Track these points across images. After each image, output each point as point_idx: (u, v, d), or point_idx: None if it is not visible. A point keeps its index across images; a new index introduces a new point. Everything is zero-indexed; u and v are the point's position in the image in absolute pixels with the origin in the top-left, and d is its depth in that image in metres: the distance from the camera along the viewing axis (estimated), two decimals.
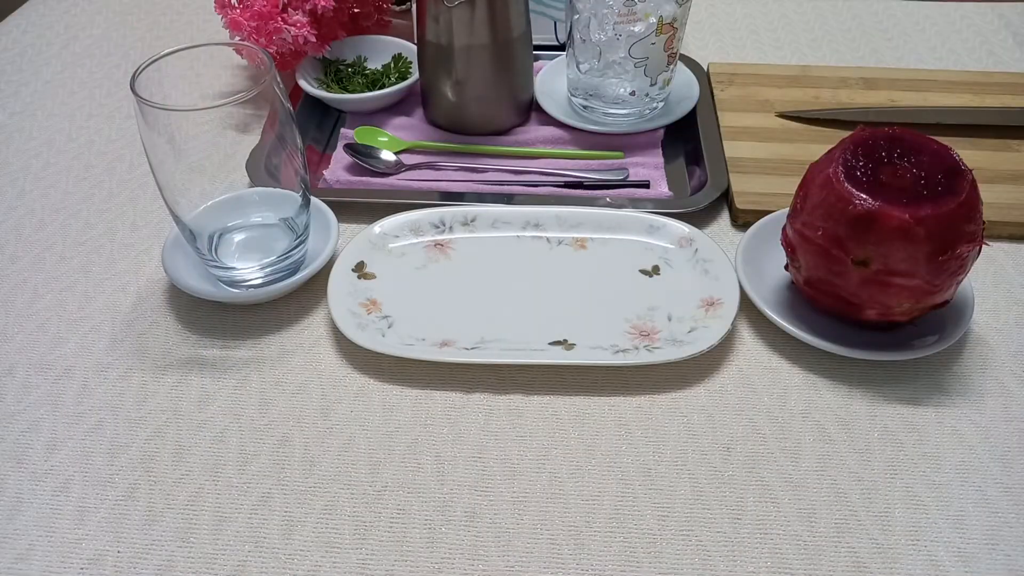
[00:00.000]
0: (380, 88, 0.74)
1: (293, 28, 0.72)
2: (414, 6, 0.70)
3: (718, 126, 0.71)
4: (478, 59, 0.68)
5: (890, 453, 0.48)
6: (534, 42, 0.73)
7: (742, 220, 0.63)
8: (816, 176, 0.50)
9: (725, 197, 0.65)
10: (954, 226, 0.46)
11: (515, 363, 0.53)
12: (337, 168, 0.69)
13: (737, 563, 0.43)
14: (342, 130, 0.73)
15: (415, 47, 0.73)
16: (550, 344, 0.53)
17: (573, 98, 0.73)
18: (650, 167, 0.69)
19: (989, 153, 0.68)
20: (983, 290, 0.57)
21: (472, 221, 0.62)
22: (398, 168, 0.69)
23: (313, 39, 0.73)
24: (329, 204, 0.61)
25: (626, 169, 0.68)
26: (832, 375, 0.52)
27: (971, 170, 0.48)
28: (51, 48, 0.90)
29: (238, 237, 0.57)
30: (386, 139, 0.71)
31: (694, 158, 0.70)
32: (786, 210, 0.61)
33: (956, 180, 0.47)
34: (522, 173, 0.68)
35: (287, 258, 0.56)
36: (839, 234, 0.48)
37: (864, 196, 0.47)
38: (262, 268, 0.55)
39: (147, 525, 0.45)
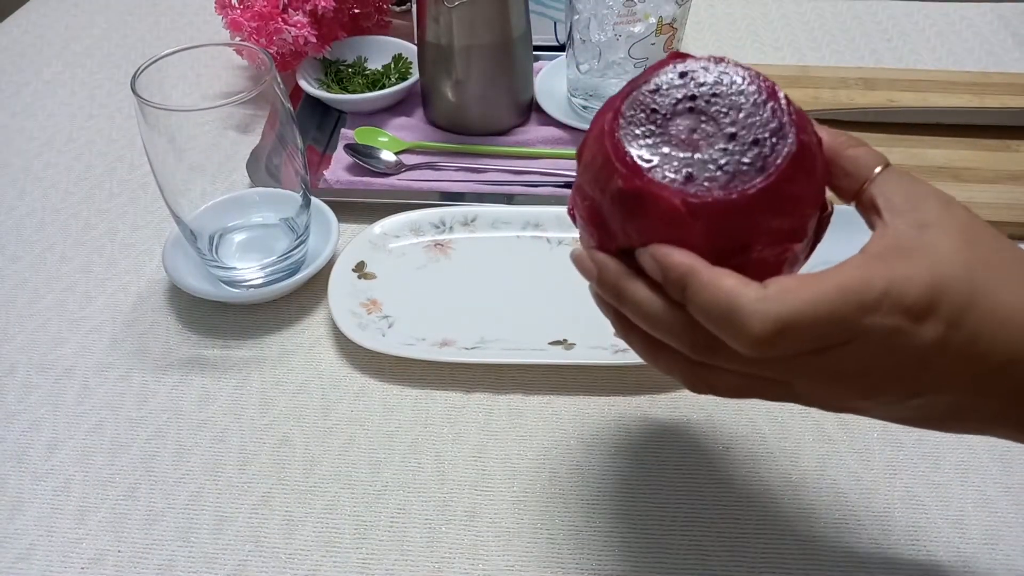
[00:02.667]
0: (380, 88, 0.74)
1: (293, 28, 0.72)
2: (414, 7, 0.70)
3: None
4: (478, 59, 0.68)
5: (890, 453, 0.48)
6: (534, 42, 0.73)
7: None
8: (594, 123, 0.34)
9: None
10: (752, 220, 0.31)
11: (515, 363, 0.53)
12: (337, 168, 0.69)
13: (737, 563, 0.43)
14: (342, 130, 0.73)
15: (415, 47, 0.73)
16: (550, 344, 0.53)
17: (573, 98, 0.73)
18: None
19: (989, 153, 0.68)
20: None
21: (472, 221, 0.62)
22: (398, 168, 0.69)
23: (313, 39, 0.73)
24: (329, 204, 0.61)
25: None
26: None
27: (815, 138, 0.33)
28: (52, 48, 0.90)
29: (238, 237, 0.57)
30: (386, 139, 0.71)
31: None
32: None
33: (775, 150, 0.31)
34: (522, 173, 0.68)
35: (287, 258, 0.56)
36: (603, 210, 0.33)
37: (633, 163, 0.32)
38: (262, 268, 0.56)
39: (148, 525, 0.45)
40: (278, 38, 0.72)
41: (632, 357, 0.51)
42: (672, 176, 0.31)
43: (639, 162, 0.32)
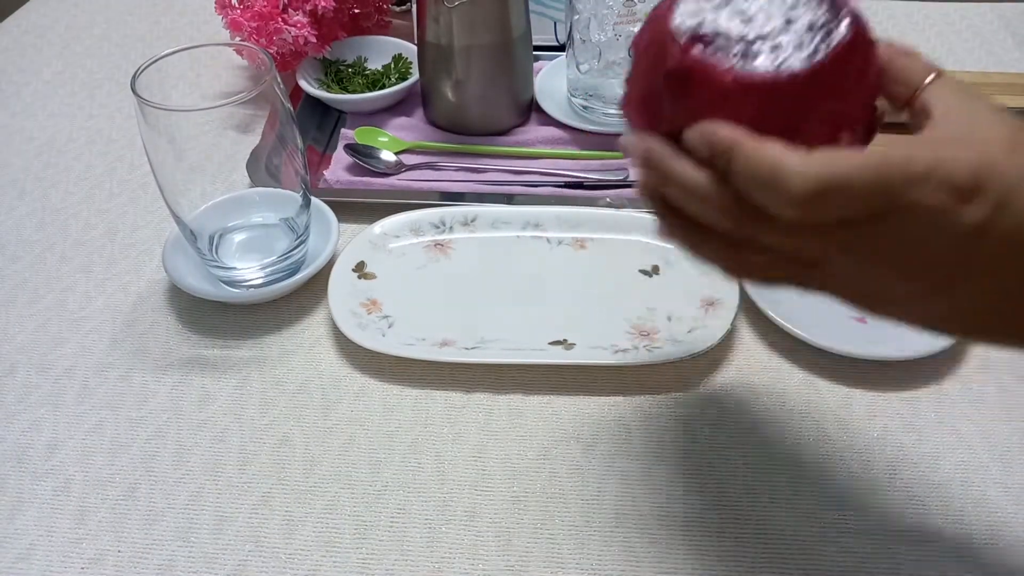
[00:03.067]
0: (380, 88, 0.74)
1: (293, 29, 0.72)
2: (414, 7, 0.70)
3: None
4: (478, 59, 0.68)
5: (890, 453, 0.48)
6: (534, 42, 0.73)
7: None
8: (653, 12, 0.35)
9: None
10: (802, 101, 0.31)
11: (515, 363, 0.53)
12: (337, 168, 0.69)
13: (737, 563, 0.43)
14: (342, 130, 0.73)
15: (415, 47, 0.73)
16: (550, 344, 0.53)
17: (573, 98, 0.73)
18: None
19: None
20: None
21: (472, 221, 0.62)
22: (398, 168, 0.69)
23: (313, 40, 0.73)
24: (329, 204, 0.61)
25: (626, 169, 0.68)
26: (832, 375, 0.52)
27: (870, 35, 0.33)
28: (52, 48, 0.90)
29: (238, 237, 0.57)
30: (386, 139, 0.71)
31: None
32: None
33: (829, 35, 0.32)
34: (522, 173, 0.68)
35: (287, 258, 0.56)
36: (655, 94, 0.34)
37: (686, 43, 0.32)
38: (262, 268, 0.56)
39: (148, 525, 0.45)
40: (278, 38, 0.72)
41: (632, 357, 0.52)
42: (724, 56, 0.32)
43: (692, 42, 0.32)
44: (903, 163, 0.29)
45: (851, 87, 0.32)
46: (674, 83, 0.33)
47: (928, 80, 0.35)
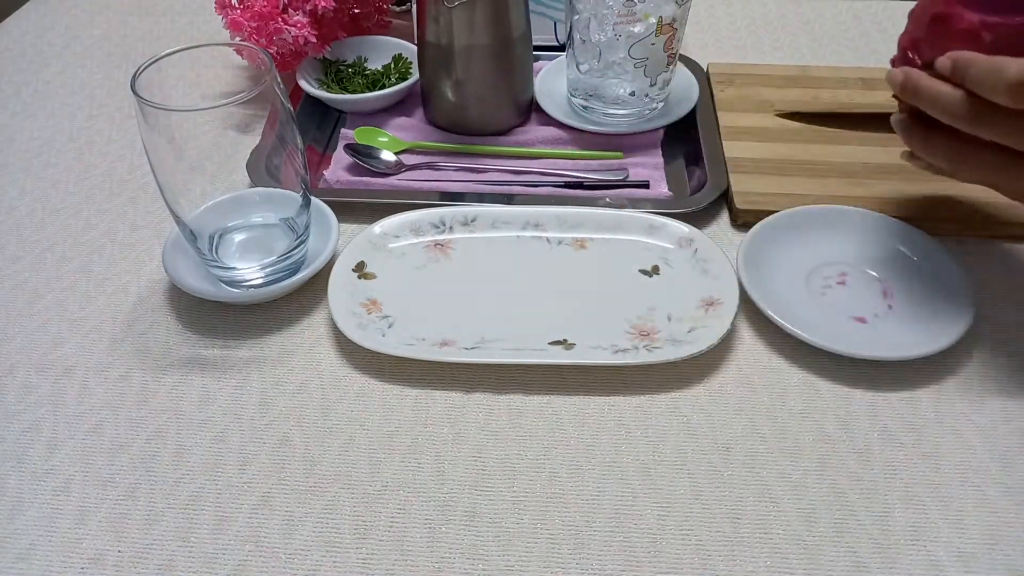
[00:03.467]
0: (380, 88, 0.74)
1: (293, 29, 0.72)
2: (414, 7, 0.70)
3: (718, 126, 0.71)
4: (478, 59, 0.68)
5: (890, 453, 0.48)
6: (534, 42, 0.73)
7: (742, 220, 0.63)
8: None
9: (725, 197, 0.65)
10: (1022, 41, 0.45)
11: (515, 363, 0.53)
12: (337, 168, 0.69)
13: (737, 563, 0.43)
14: (342, 130, 0.73)
15: (415, 47, 0.73)
16: (550, 344, 0.53)
17: (573, 98, 0.73)
18: (650, 167, 0.69)
19: None
20: (983, 290, 0.57)
21: (472, 221, 0.62)
22: (398, 168, 0.69)
23: (313, 40, 0.73)
24: (329, 204, 0.61)
25: (626, 169, 0.68)
26: (832, 375, 0.52)
27: None
28: (52, 48, 0.90)
29: (238, 237, 0.57)
30: (386, 139, 0.71)
31: (694, 158, 0.70)
32: (788, 210, 0.61)
33: None
34: (522, 173, 0.68)
35: (287, 258, 0.56)
36: (919, 38, 0.51)
37: None
38: (262, 268, 0.56)
39: (148, 525, 0.45)
40: (278, 38, 0.72)
41: (632, 357, 0.52)
42: (975, 7, 0.47)
43: None
44: None
45: None
46: (936, 23, 0.49)
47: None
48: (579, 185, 0.67)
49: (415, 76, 0.74)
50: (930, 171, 0.53)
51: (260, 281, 0.56)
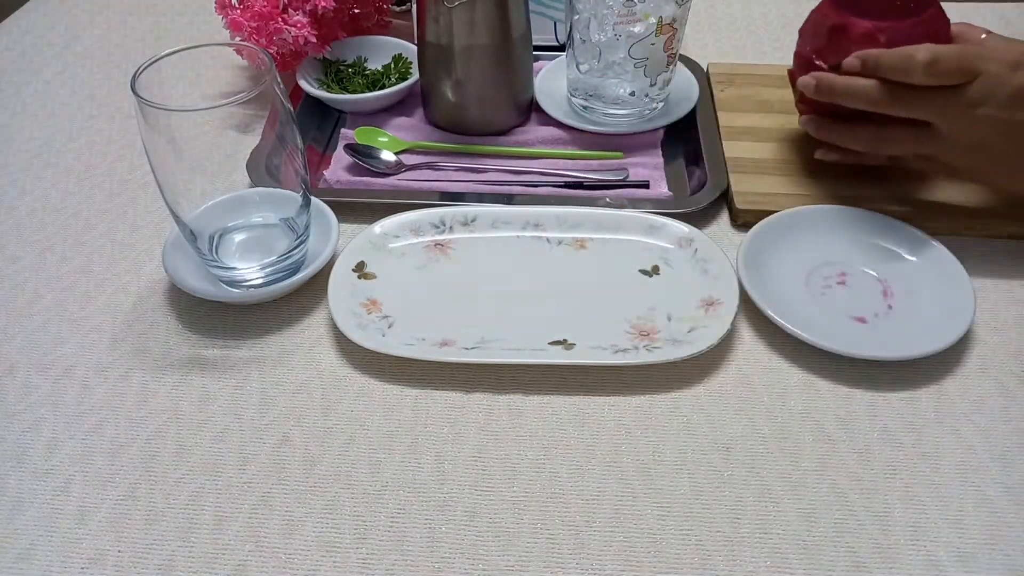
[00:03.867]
0: (380, 88, 0.74)
1: (293, 29, 0.72)
2: (414, 7, 0.70)
3: (718, 126, 0.71)
4: (478, 60, 0.68)
5: (890, 453, 0.48)
6: (534, 42, 0.73)
7: (742, 220, 0.63)
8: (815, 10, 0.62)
9: (725, 197, 0.65)
10: (913, 39, 0.54)
11: (515, 363, 0.53)
12: (337, 168, 0.69)
13: (737, 563, 0.43)
14: (342, 130, 0.73)
15: (415, 47, 0.73)
16: (550, 344, 0.53)
17: (573, 98, 0.73)
18: (650, 167, 0.69)
19: None
20: (983, 290, 0.57)
21: (472, 221, 0.62)
22: (398, 168, 0.69)
23: (313, 40, 0.73)
24: (329, 204, 0.61)
25: (626, 169, 0.68)
26: (832, 375, 0.52)
27: (947, 19, 0.58)
28: (52, 48, 0.90)
29: (238, 237, 0.57)
30: (386, 139, 0.71)
31: (694, 158, 0.70)
32: (788, 210, 0.61)
33: (921, 6, 0.57)
34: (522, 173, 0.68)
35: (287, 258, 0.56)
36: (820, 49, 0.59)
37: (840, 10, 0.58)
38: (262, 268, 0.56)
39: (148, 525, 0.45)
40: (278, 38, 0.72)
41: (632, 357, 0.52)
42: (866, 16, 0.57)
43: (844, 10, 0.58)
44: (977, 47, 0.54)
45: (936, 34, 0.56)
46: (834, 33, 0.58)
47: (983, 36, 0.57)
48: (579, 185, 0.67)
49: (415, 76, 0.74)
50: (845, 160, 0.62)
51: (260, 281, 0.56)
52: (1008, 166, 0.56)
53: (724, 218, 0.65)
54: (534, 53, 0.74)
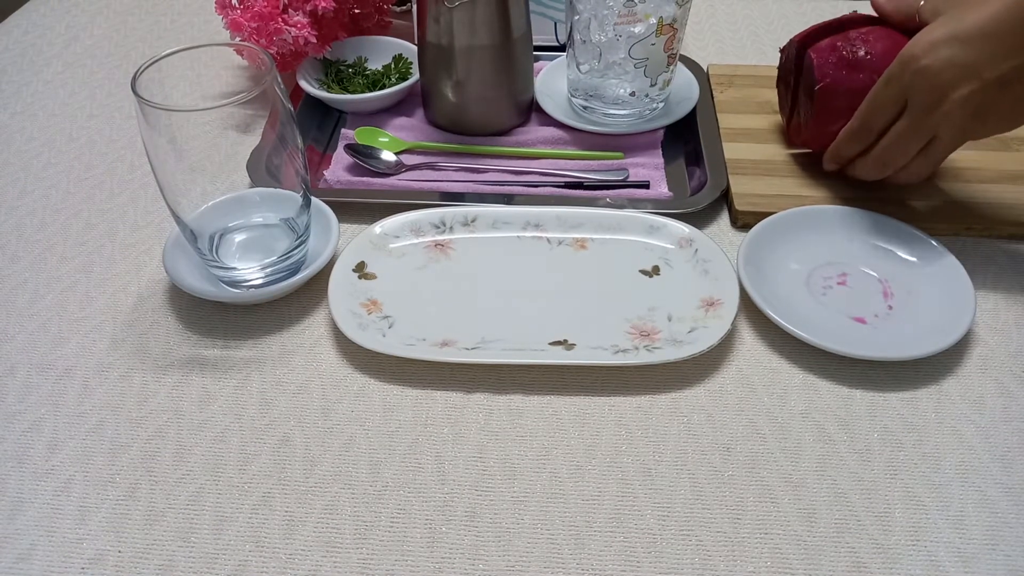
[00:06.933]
0: (381, 89, 0.74)
1: (294, 29, 0.72)
2: (415, 7, 0.70)
3: (718, 127, 0.71)
4: (479, 60, 0.68)
5: (890, 453, 0.48)
6: (534, 43, 0.73)
7: (742, 221, 0.63)
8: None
9: (725, 198, 0.65)
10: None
11: (515, 363, 0.53)
12: (338, 168, 0.69)
13: (737, 563, 0.43)
14: (343, 130, 0.73)
15: (415, 48, 0.73)
16: (550, 344, 0.53)
17: (573, 99, 0.73)
18: (650, 168, 0.69)
19: (989, 153, 0.68)
20: (983, 290, 0.57)
21: (472, 221, 0.62)
22: (398, 168, 0.69)
23: (314, 40, 0.73)
24: (330, 204, 0.61)
25: (626, 169, 0.68)
26: (832, 375, 0.52)
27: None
28: (52, 48, 0.90)
29: (239, 237, 0.57)
30: (387, 139, 0.71)
31: (694, 159, 0.70)
32: (788, 211, 0.61)
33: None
34: (522, 173, 0.68)
35: (288, 258, 0.56)
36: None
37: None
38: (263, 268, 0.56)
39: (148, 525, 0.45)
40: (278, 38, 0.72)
41: (632, 357, 0.52)
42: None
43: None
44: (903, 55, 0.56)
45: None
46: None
47: (920, 3, 0.58)
48: (579, 185, 0.67)
49: (415, 76, 0.74)
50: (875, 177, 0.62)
51: (260, 281, 0.56)
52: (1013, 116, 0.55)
53: (724, 218, 0.65)
54: (534, 53, 0.74)
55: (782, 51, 0.69)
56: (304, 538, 0.45)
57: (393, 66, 0.77)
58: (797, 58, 0.65)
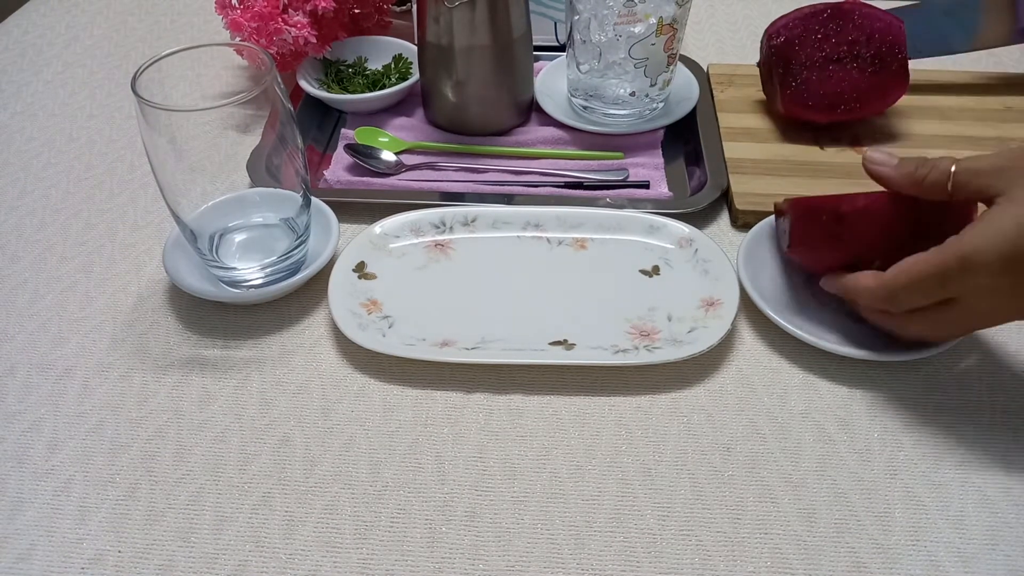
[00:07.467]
0: (381, 89, 0.74)
1: (294, 29, 0.72)
2: (415, 7, 0.70)
3: (718, 127, 0.71)
4: (478, 60, 0.68)
5: (890, 453, 0.48)
6: (534, 43, 0.73)
7: (742, 221, 0.63)
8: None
9: (725, 198, 0.65)
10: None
11: (515, 363, 0.53)
12: (338, 168, 0.69)
13: (737, 563, 0.43)
14: (343, 130, 0.73)
15: (415, 48, 0.73)
16: (550, 344, 0.53)
17: (573, 99, 0.73)
18: (650, 167, 0.69)
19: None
20: None
21: (472, 221, 0.62)
22: (398, 168, 0.69)
23: (314, 40, 0.73)
24: (330, 204, 0.61)
25: (626, 169, 0.68)
26: (832, 375, 0.52)
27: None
28: (52, 48, 0.90)
29: (239, 237, 0.57)
30: (387, 139, 0.71)
31: (694, 159, 0.70)
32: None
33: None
34: (522, 173, 0.68)
35: (288, 258, 0.56)
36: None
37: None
38: (263, 268, 0.56)
39: (148, 525, 0.45)
40: (278, 38, 0.72)
41: (632, 357, 0.52)
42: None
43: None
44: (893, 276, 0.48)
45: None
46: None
47: (950, 186, 0.47)
48: (579, 185, 0.67)
49: (415, 76, 0.74)
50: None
51: (260, 281, 0.56)
52: None
53: (724, 218, 0.65)
54: (534, 53, 0.74)
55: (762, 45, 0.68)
56: (304, 538, 0.45)
57: (393, 66, 0.77)
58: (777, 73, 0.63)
